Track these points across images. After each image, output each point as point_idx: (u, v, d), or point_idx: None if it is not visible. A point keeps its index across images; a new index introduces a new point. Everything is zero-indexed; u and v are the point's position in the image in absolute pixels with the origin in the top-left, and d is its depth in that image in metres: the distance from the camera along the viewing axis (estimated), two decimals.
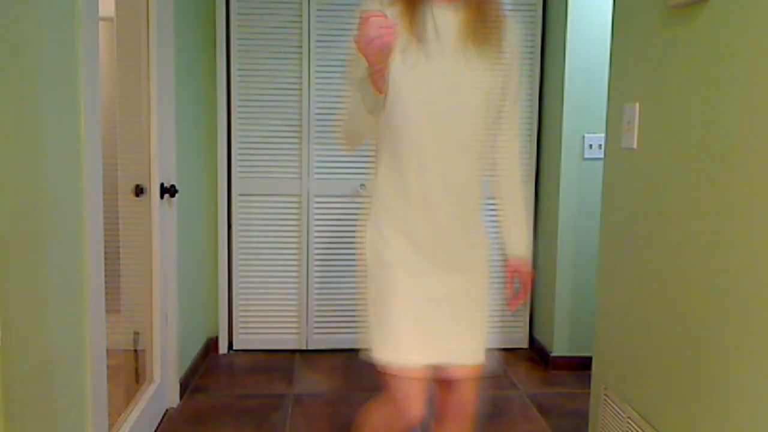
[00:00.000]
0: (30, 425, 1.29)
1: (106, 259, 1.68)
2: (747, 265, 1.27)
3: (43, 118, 1.33)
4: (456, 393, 1.47)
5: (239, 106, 3.01)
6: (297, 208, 3.08)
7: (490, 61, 1.33)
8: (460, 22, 1.31)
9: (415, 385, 1.39)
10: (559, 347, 2.98)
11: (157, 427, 2.32)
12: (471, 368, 1.48)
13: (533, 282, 1.49)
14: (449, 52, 1.31)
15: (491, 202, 1.59)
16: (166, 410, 2.45)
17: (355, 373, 2.26)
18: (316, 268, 3.11)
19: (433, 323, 1.41)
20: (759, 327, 1.23)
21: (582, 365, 2.90)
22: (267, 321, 3.14)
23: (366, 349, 1.41)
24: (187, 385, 2.67)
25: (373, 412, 1.54)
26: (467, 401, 1.49)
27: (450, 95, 1.31)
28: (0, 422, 1.17)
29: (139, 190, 2.21)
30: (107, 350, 1.69)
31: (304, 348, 3.15)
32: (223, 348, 3.11)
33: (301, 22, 2.98)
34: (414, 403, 1.39)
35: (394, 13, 1.29)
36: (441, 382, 1.47)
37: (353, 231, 2.29)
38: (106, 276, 1.68)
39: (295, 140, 3.05)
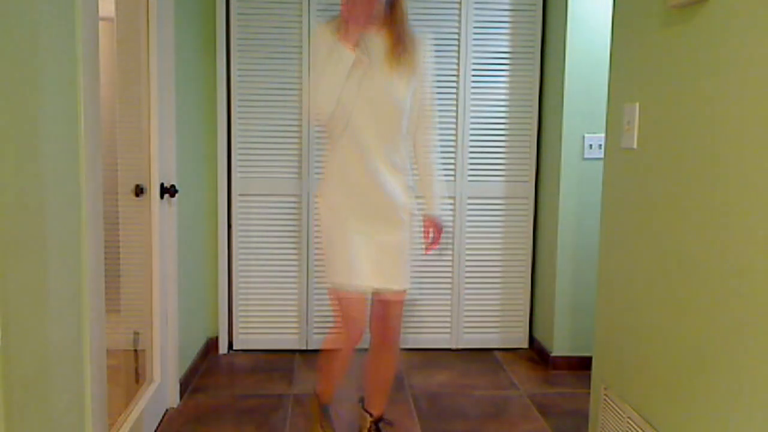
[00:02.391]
0: (30, 425, 1.29)
1: (106, 259, 1.68)
2: (747, 265, 1.27)
3: (43, 118, 1.33)
4: (388, 311, 2.03)
5: (239, 106, 3.01)
6: (297, 208, 3.08)
7: (406, 72, 1.88)
8: (384, 46, 1.88)
9: (359, 303, 1.95)
10: (559, 347, 2.98)
11: (157, 427, 2.32)
12: (399, 292, 2.01)
13: (442, 234, 2.14)
14: (379, 66, 1.86)
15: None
16: (166, 410, 2.45)
17: (355, 373, 2.27)
18: (316, 268, 3.11)
19: (375, 258, 1.93)
20: (758, 327, 1.23)
21: (582, 365, 2.90)
22: (267, 321, 3.14)
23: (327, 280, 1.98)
24: (187, 385, 2.67)
25: (332, 345, 2.05)
26: (395, 316, 2.05)
27: (381, 95, 1.87)
28: (0, 422, 1.17)
29: (139, 190, 2.21)
30: (107, 350, 1.69)
31: (304, 348, 3.15)
32: (223, 348, 3.11)
33: (301, 22, 2.98)
34: (360, 316, 1.96)
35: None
36: (377, 302, 2.03)
37: None
38: (106, 276, 1.68)
39: (295, 140, 3.05)
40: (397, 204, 1.96)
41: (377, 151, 1.89)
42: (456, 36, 3.04)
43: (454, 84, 3.06)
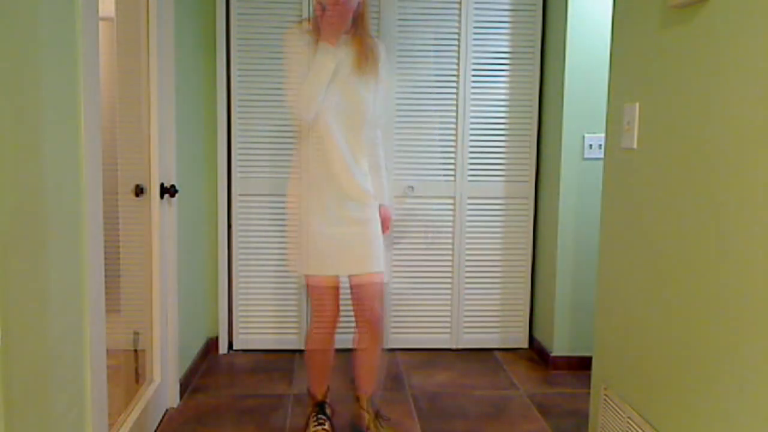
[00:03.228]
0: (30, 425, 1.29)
1: (106, 259, 1.68)
2: (746, 265, 1.27)
3: (43, 118, 1.33)
4: (365, 296, 2.15)
5: (239, 106, 3.01)
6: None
7: (369, 78, 2.09)
8: (351, 55, 2.07)
9: (329, 289, 2.13)
10: (559, 347, 2.98)
11: (157, 427, 2.32)
12: (372, 275, 2.14)
13: (390, 221, 2.32)
14: (348, 73, 2.06)
15: None
16: (166, 410, 2.45)
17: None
18: None
19: (340, 246, 2.09)
20: (759, 327, 1.23)
21: (582, 365, 2.90)
22: (267, 321, 3.14)
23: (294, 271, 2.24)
24: (187, 385, 2.67)
25: (309, 334, 2.25)
26: (373, 299, 2.15)
27: (345, 103, 2.06)
28: (0, 422, 1.17)
29: (139, 190, 2.21)
30: (107, 350, 1.69)
31: (304, 348, 3.15)
32: (223, 348, 3.11)
33: (300, 22, 2.97)
34: (330, 302, 2.14)
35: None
36: (355, 288, 2.16)
37: None
38: (106, 276, 1.68)
39: (295, 140, 3.04)
40: (363, 195, 2.13)
41: (346, 150, 2.08)
42: (456, 36, 3.04)
43: (454, 84, 3.06)
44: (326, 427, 2.21)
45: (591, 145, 2.87)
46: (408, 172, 3.10)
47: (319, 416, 2.24)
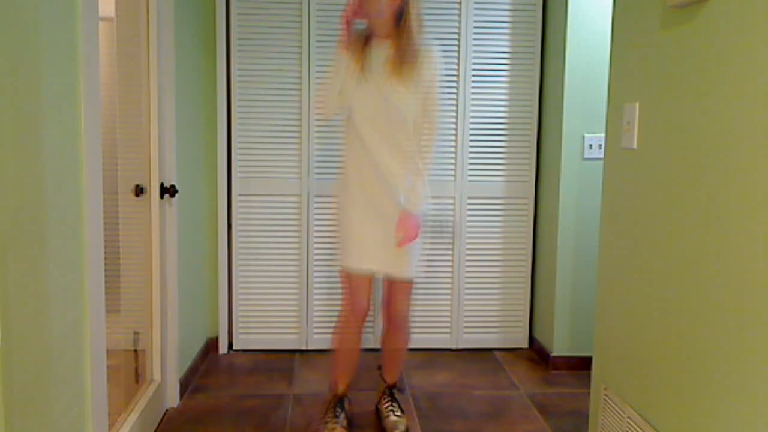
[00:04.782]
0: (30, 425, 1.29)
1: (106, 259, 1.68)
2: (746, 265, 1.27)
3: (43, 118, 1.33)
4: (394, 296, 2.25)
5: (239, 106, 3.01)
6: (297, 208, 3.08)
7: (407, 81, 2.06)
8: (386, 57, 2.08)
9: (363, 283, 2.19)
10: (559, 347, 2.98)
11: (157, 427, 2.32)
12: (403, 281, 2.22)
13: (416, 231, 2.16)
14: (380, 76, 2.08)
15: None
16: (166, 410, 2.45)
17: (355, 373, 2.29)
18: (316, 268, 3.11)
19: (377, 245, 2.15)
20: (759, 327, 1.23)
21: (582, 365, 2.90)
22: (267, 321, 3.14)
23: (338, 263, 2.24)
24: (187, 385, 2.67)
25: (338, 325, 2.29)
26: (401, 301, 2.25)
27: (381, 103, 2.08)
28: (0, 422, 1.17)
29: (139, 190, 2.21)
30: (107, 350, 1.69)
31: (304, 348, 3.15)
32: (223, 348, 3.11)
33: (301, 22, 2.98)
34: (362, 295, 2.19)
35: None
36: (387, 287, 2.27)
37: None
38: (106, 276, 1.68)
39: (295, 140, 3.05)
40: (395, 196, 2.14)
41: (380, 147, 2.10)
42: (456, 36, 3.04)
43: (454, 84, 3.06)
44: (342, 422, 2.26)
45: (591, 145, 2.87)
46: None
47: (336, 409, 2.28)
